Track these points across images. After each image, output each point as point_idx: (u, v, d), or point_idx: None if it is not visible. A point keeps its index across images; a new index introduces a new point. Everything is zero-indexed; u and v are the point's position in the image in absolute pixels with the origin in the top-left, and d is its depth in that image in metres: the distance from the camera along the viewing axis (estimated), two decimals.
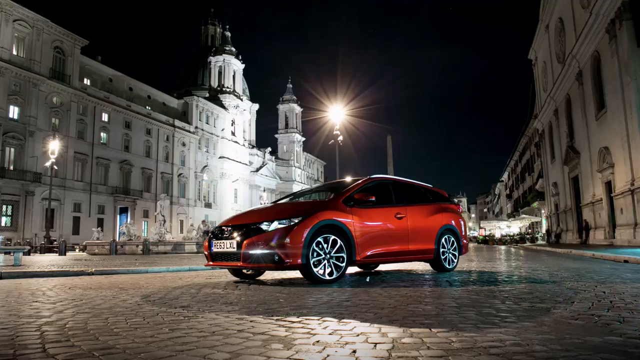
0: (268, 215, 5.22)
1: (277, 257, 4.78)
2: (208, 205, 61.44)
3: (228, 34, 71.11)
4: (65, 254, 20.10)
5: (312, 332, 2.24)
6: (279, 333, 2.22)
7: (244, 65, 71.45)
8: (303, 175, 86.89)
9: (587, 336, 2.09)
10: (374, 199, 5.57)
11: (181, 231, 52.05)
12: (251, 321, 2.57)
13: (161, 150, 53.57)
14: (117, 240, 28.63)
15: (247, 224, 5.19)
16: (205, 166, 61.25)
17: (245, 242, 4.94)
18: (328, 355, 1.78)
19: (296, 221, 4.93)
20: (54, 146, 27.40)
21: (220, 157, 63.76)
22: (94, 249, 22.69)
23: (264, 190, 73.75)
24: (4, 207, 36.17)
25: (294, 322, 2.54)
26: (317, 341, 2.02)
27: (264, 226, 4.99)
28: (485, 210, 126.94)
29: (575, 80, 25.43)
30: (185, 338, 2.12)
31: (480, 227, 63.18)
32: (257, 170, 72.96)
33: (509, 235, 42.02)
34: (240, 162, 67.82)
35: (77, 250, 29.93)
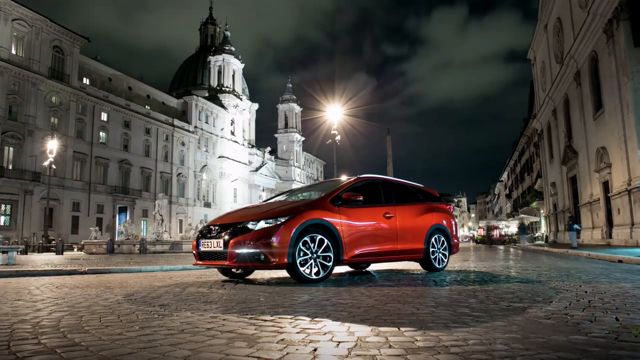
0: (255, 215, 5.23)
1: (263, 257, 4.79)
2: (207, 204, 61.46)
3: (228, 33, 71.13)
4: (62, 253, 20.12)
5: (280, 330, 2.25)
6: (247, 331, 2.23)
7: (243, 65, 71.47)
8: (303, 175, 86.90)
9: (553, 335, 2.10)
10: (361, 198, 5.57)
11: (180, 230, 52.06)
12: (224, 319, 2.58)
13: (160, 149, 53.58)
14: (116, 239, 28.69)
15: (233, 223, 5.20)
16: (205, 166, 61.27)
17: (231, 241, 4.94)
18: (287, 354, 1.78)
19: (283, 220, 4.94)
20: (53, 145, 27.46)
21: (219, 157, 63.77)
22: (91, 248, 22.71)
23: (263, 190, 73.73)
24: (3, 206, 36.21)
25: (266, 320, 2.55)
26: (282, 339, 2.03)
27: (250, 225, 5.00)
28: (485, 210, 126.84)
29: (573, 80, 25.40)
30: (153, 336, 2.13)
31: (479, 227, 63.15)
32: (257, 169, 72.97)
33: (508, 235, 42.02)
34: (239, 162, 67.82)
35: (75, 249, 29.95)
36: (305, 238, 4.98)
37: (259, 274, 6.66)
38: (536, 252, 17.09)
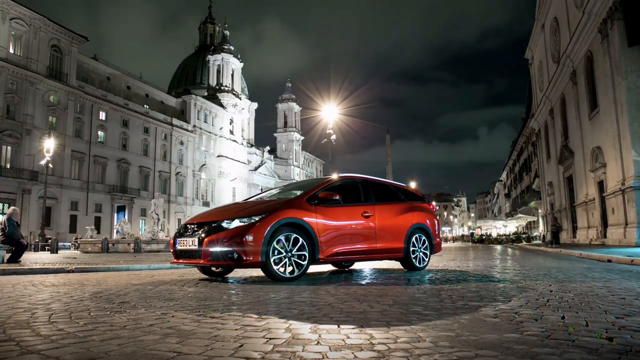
0: (230, 213, 5.26)
1: (236, 255, 4.81)
2: (206, 204, 61.49)
3: (227, 32, 71.18)
4: (57, 252, 20.18)
5: (220, 327, 2.27)
6: (187, 328, 2.24)
7: (242, 64, 71.50)
8: (302, 174, 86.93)
9: (487, 334, 2.11)
10: (338, 197, 5.59)
11: None
12: (172, 317, 2.60)
13: (159, 148, 53.65)
14: (114, 238, 28.72)
15: (209, 222, 5.22)
16: (204, 165, 61.33)
17: (206, 239, 4.97)
18: (211, 349, 1.80)
19: (257, 219, 4.96)
20: (50, 144, 27.48)
21: (218, 156, 63.83)
22: (87, 247, 22.74)
23: (262, 189, 73.75)
24: (1, 205, 36.30)
25: (214, 317, 2.57)
26: (215, 336, 2.05)
27: (224, 224, 5.03)
28: (484, 209, 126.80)
29: (570, 80, 25.38)
30: (92, 332, 2.15)
31: (476, 227, 63.16)
32: (256, 169, 73.03)
33: (506, 235, 41.99)
34: (238, 161, 67.87)
35: (72, 248, 30.02)
36: (280, 237, 5.00)
37: (239, 273, 6.69)
38: (530, 252, 17.11)
